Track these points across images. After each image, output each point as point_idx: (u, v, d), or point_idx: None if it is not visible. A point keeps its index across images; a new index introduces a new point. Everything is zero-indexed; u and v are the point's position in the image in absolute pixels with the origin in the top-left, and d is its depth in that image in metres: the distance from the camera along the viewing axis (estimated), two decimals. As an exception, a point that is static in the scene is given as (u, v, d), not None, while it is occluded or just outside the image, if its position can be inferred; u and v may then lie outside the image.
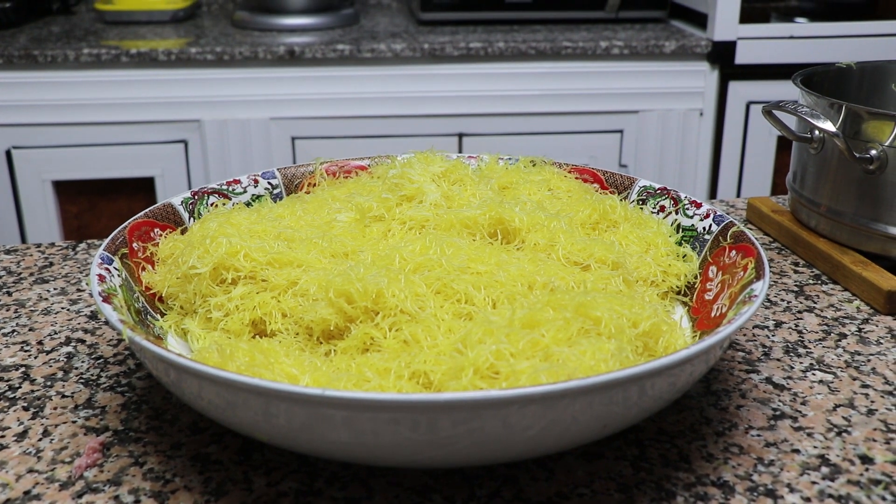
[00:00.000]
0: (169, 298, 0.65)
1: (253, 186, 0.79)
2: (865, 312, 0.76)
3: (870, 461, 0.56)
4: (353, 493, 0.53)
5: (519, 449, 0.48)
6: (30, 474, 0.55)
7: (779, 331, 0.73)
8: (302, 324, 0.59)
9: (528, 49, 2.00)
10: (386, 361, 0.53)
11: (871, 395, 0.63)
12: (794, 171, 0.91)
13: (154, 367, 0.53)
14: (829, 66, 0.95)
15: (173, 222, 0.72)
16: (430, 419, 0.45)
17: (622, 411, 0.49)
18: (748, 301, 0.56)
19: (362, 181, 0.78)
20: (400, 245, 0.63)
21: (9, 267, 0.85)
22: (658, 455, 0.56)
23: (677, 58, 2.06)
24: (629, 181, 0.79)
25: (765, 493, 0.53)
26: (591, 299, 0.56)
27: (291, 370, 0.52)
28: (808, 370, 0.67)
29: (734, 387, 0.64)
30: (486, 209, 0.68)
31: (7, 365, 0.67)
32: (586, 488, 0.53)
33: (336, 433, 0.46)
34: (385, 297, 0.56)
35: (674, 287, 0.68)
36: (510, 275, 0.60)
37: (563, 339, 0.52)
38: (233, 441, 0.58)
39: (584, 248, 0.65)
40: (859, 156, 0.79)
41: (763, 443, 0.58)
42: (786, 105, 0.83)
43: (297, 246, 0.64)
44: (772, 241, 0.92)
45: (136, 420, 0.60)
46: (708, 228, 0.70)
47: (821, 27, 2.07)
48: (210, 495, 0.53)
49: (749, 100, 2.09)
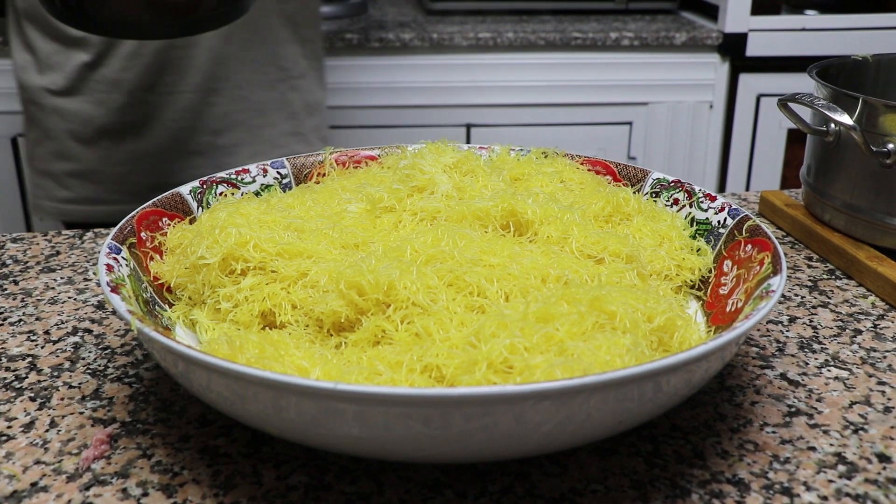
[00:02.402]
0: (177, 289, 0.64)
1: (262, 176, 0.78)
2: (881, 308, 0.75)
3: (887, 459, 0.55)
4: (364, 488, 0.52)
5: (532, 444, 0.48)
6: (37, 466, 0.54)
7: (793, 326, 0.72)
8: (312, 315, 0.58)
9: (538, 40, 1.99)
10: (398, 354, 0.52)
11: (887, 393, 0.62)
12: (808, 165, 0.90)
13: (162, 359, 0.52)
14: (845, 59, 0.94)
15: (182, 212, 0.71)
16: (442, 414, 0.44)
17: (637, 407, 0.48)
18: (765, 296, 0.55)
19: (373, 171, 0.78)
20: (411, 236, 0.63)
21: (15, 256, 0.85)
22: (672, 451, 0.56)
23: (687, 50, 2.04)
24: (642, 173, 0.78)
25: (781, 492, 0.52)
26: (606, 293, 0.55)
27: (302, 363, 0.51)
28: (823, 366, 0.66)
29: (748, 383, 0.64)
30: (498, 201, 0.67)
31: (14, 354, 0.67)
32: (600, 485, 0.53)
33: (347, 427, 0.46)
34: (396, 289, 0.56)
35: (688, 281, 0.67)
36: (523, 267, 0.59)
37: (578, 334, 0.52)
38: (242, 434, 0.57)
39: (598, 240, 0.64)
40: (876, 149, 0.78)
41: (778, 440, 0.57)
42: (802, 97, 0.82)
43: (308, 237, 0.64)
44: (785, 235, 0.91)
45: (143, 412, 0.60)
46: (723, 222, 0.69)
47: (832, 19, 2.05)
48: (218, 489, 0.52)
49: (760, 92, 2.08)
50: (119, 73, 1.21)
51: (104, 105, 1.23)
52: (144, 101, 1.23)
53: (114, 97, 1.23)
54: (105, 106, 1.23)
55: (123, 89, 1.22)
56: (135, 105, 1.24)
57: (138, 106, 1.24)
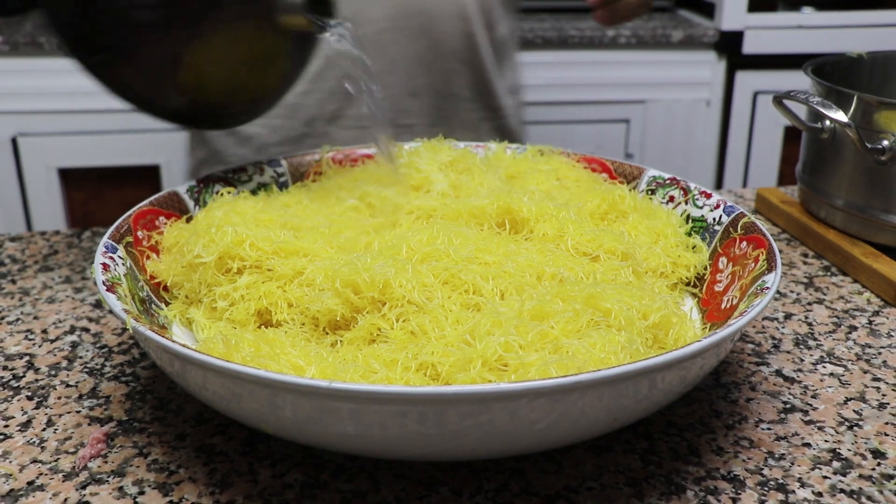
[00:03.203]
0: (174, 287, 0.64)
1: (259, 175, 0.78)
2: (876, 304, 0.75)
3: (882, 455, 0.55)
4: (360, 486, 0.52)
5: (527, 442, 0.48)
6: (33, 464, 0.54)
7: (788, 323, 0.72)
8: (308, 314, 0.58)
9: (535, 38, 1.99)
10: (393, 353, 0.52)
11: (882, 389, 0.63)
12: (804, 162, 0.90)
13: (158, 358, 0.52)
14: (840, 56, 0.94)
15: (178, 210, 0.71)
16: (437, 412, 0.44)
17: (632, 404, 0.48)
18: (760, 293, 0.55)
19: (369, 169, 0.78)
20: (407, 235, 0.63)
21: (14, 255, 0.85)
22: (668, 448, 0.56)
23: (684, 47, 2.04)
24: (638, 171, 0.78)
25: (776, 488, 0.52)
26: (601, 291, 0.55)
27: (297, 361, 0.51)
28: (818, 363, 0.66)
29: (744, 379, 0.64)
30: (494, 199, 0.67)
31: (11, 353, 0.67)
32: (595, 482, 0.53)
33: (342, 425, 0.46)
34: (392, 288, 0.56)
35: (683, 278, 0.67)
36: (518, 265, 0.60)
37: (573, 331, 0.52)
38: (238, 432, 0.57)
39: (594, 238, 0.64)
40: (871, 146, 0.78)
41: (773, 436, 0.57)
42: (797, 94, 0.82)
43: (304, 235, 0.64)
44: (781, 231, 0.91)
45: (140, 410, 0.60)
46: (718, 219, 0.69)
47: (828, 16, 2.05)
48: (215, 487, 0.52)
49: (756, 90, 2.08)
50: (299, 96, 1.06)
51: (279, 133, 1.08)
52: (325, 135, 1.08)
53: (291, 124, 1.08)
54: (279, 134, 1.08)
55: (302, 117, 1.07)
56: (314, 137, 1.08)
57: (317, 139, 1.07)
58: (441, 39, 1.08)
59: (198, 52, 0.66)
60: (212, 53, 0.67)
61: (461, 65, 1.11)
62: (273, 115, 1.04)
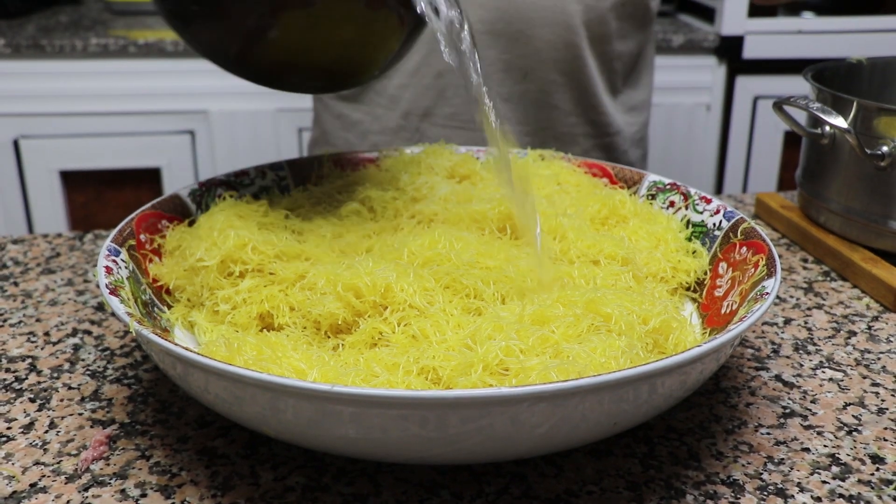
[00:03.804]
0: (176, 291, 0.65)
1: (261, 178, 0.79)
2: (875, 310, 0.75)
3: (881, 461, 0.56)
4: (361, 489, 0.53)
5: (528, 446, 0.48)
6: (36, 467, 0.55)
7: (788, 328, 0.72)
8: (310, 318, 0.59)
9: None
10: (394, 356, 0.52)
11: (881, 394, 0.63)
12: (803, 167, 0.90)
13: (161, 361, 0.53)
14: (840, 62, 0.95)
15: (181, 214, 0.71)
16: (439, 416, 0.44)
17: (632, 409, 0.48)
18: (760, 298, 0.56)
19: (371, 174, 0.78)
20: (408, 239, 0.63)
21: (16, 257, 0.85)
22: (667, 453, 0.56)
23: (685, 52, 2.04)
24: (639, 176, 0.78)
25: (775, 493, 0.52)
26: (601, 295, 0.55)
27: (299, 365, 0.52)
28: (817, 368, 0.66)
29: (743, 384, 0.64)
30: (495, 203, 0.67)
31: (14, 356, 0.67)
32: (595, 486, 0.53)
33: (344, 429, 0.46)
34: (394, 292, 0.56)
35: (683, 283, 0.67)
36: (519, 270, 0.60)
37: (573, 336, 0.52)
38: (239, 435, 0.58)
39: (594, 243, 0.64)
40: (870, 152, 0.78)
41: (773, 441, 0.57)
42: (796, 100, 0.82)
43: (306, 239, 0.64)
44: (780, 237, 0.91)
45: (142, 413, 0.60)
46: (718, 224, 0.69)
47: (829, 22, 2.06)
48: (216, 489, 0.52)
49: (756, 94, 2.08)
50: (398, 89, 1.08)
51: (380, 121, 1.10)
52: (417, 130, 1.09)
53: (390, 115, 1.09)
54: (380, 123, 1.10)
55: (399, 110, 1.09)
56: (408, 131, 1.09)
57: (411, 134, 1.09)
58: (539, 48, 1.05)
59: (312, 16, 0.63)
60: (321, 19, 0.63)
61: (562, 76, 1.08)
62: (375, 104, 1.08)
